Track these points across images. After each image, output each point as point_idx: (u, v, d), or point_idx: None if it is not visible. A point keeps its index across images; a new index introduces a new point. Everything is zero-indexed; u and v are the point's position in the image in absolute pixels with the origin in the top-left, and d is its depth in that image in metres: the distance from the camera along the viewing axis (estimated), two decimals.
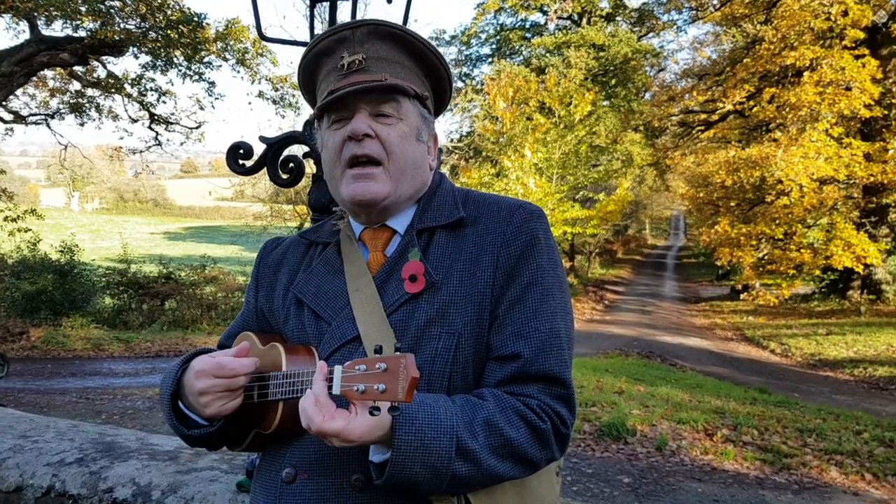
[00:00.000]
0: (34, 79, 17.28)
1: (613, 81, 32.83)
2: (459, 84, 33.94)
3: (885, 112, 20.08)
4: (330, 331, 1.38)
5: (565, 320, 1.37)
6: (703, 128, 28.48)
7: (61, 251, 17.96)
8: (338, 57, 1.40)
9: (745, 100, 23.07)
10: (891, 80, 20.98)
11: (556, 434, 1.30)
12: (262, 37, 2.71)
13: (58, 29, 15.63)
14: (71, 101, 18.59)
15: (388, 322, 1.33)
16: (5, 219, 17.20)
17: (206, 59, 16.78)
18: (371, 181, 1.38)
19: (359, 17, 2.65)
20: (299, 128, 2.52)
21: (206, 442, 1.42)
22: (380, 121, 1.38)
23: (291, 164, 2.48)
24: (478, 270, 1.35)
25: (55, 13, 14.35)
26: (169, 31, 15.33)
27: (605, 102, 31.80)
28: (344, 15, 2.63)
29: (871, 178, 20.21)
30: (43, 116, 18.96)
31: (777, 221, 20.91)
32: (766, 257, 22.26)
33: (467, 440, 1.19)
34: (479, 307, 1.33)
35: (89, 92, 18.51)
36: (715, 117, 26.95)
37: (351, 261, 1.44)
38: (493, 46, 37.23)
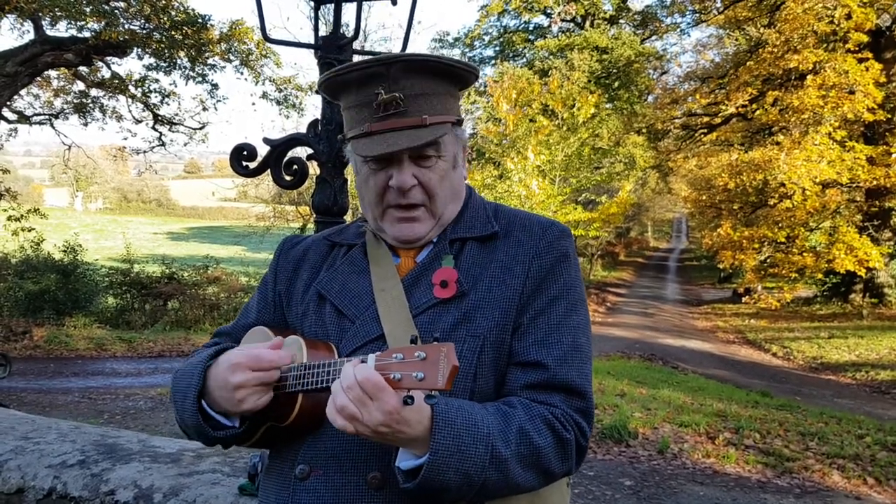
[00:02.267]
0: (38, 79, 17.30)
1: (616, 84, 32.83)
2: None
3: (889, 116, 20.05)
4: (353, 329, 1.38)
5: (586, 335, 1.40)
6: (705, 130, 28.45)
7: (65, 251, 17.99)
8: (371, 91, 1.37)
9: (747, 103, 23.04)
10: (894, 84, 20.94)
11: (576, 446, 1.32)
12: (267, 38, 2.71)
13: (62, 29, 15.68)
14: (75, 102, 18.61)
15: (413, 323, 1.34)
16: (9, 218, 17.21)
17: (209, 61, 16.79)
18: (415, 223, 1.42)
19: (364, 18, 2.65)
20: (302, 129, 2.52)
21: (227, 442, 1.40)
22: (421, 164, 1.40)
23: (295, 167, 2.48)
24: (508, 278, 1.38)
25: (60, 14, 14.36)
26: (173, 33, 15.32)
27: (608, 105, 31.78)
28: (349, 16, 2.64)
29: (874, 182, 20.18)
30: (47, 116, 18.98)
31: (779, 224, 20.88)
32: (768, 260, 22.23)
33: (501, 448, 1.20)
34: (505, 313, 1.35)
35: (93, 92, 18.53)
36: (718, 120, 26.93)
37: (378, 262, 1.45)
38: (497, 49, 37.27)
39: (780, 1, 21.52)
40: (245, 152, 2.47)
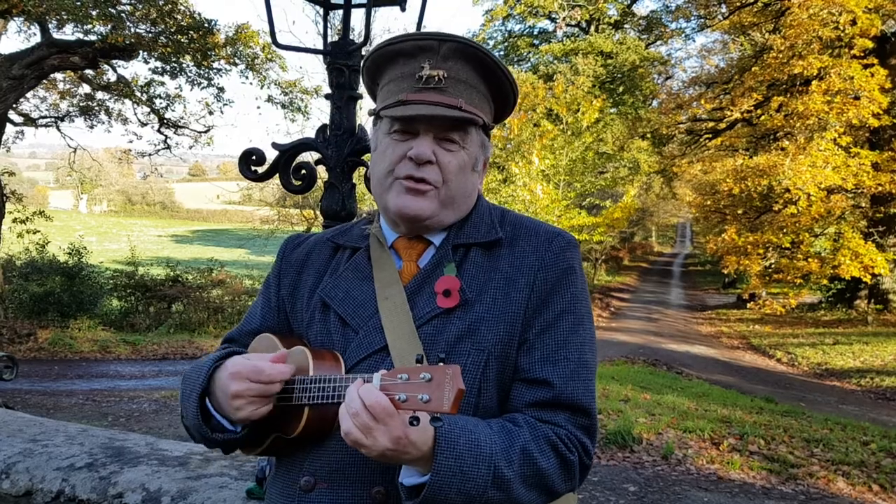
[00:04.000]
0: (45, 82, 17.35)
1: (621, 89, 32.86)
2: None
3: (894, 121, 20.02)
4: (357, 339, 1.37)
5: (592, 350, 1.39)
6: (710, 136, 28.43)
7: (69, 253, 18.01)
8: (417, 64, 1.37)
9: (752, 108, 23.00)
10: None
11: (580, 465, 1.31)
12: (277, 44, 2.72)
13: (69, 32, 15.72)
14: (81, 104, 18.67)
15: (417, 334, 1.32)
16: (14, 220, 17.26)
17: (215, 65, 16.83)
18: (420, 197, 1.37)
19: (372, 24, 2.66)
20: (308, 133, 2.54)
21: (226, 446, 1.40)
22: (443, 145, 1.37)
23: (304, 171, 2.49)
24: (512, 291, 1.35)
25: (66, 17, 14.40)
26: (179, 37, 15.38)
27: (613, 110, 31.83)
28: (356, 21, 2.65)
29: (879, 188, 20.13)
30: (53, 119, 19.05)
31: (784, 230, 20.84)
32: (772, 266, 22.17)
33: (504, 469, 1.19)
34: (511, 327, 1.33)
35: (99, 95, 18.59)
36: (722, 125, 26.90)
37: (381, 268, 1.43)
38: (501, 53, 37.30)
39: (785, 6, 21.51)
40: (254, 157, 2.48)
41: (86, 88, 18.58)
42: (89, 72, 17.35)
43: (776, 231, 20.98)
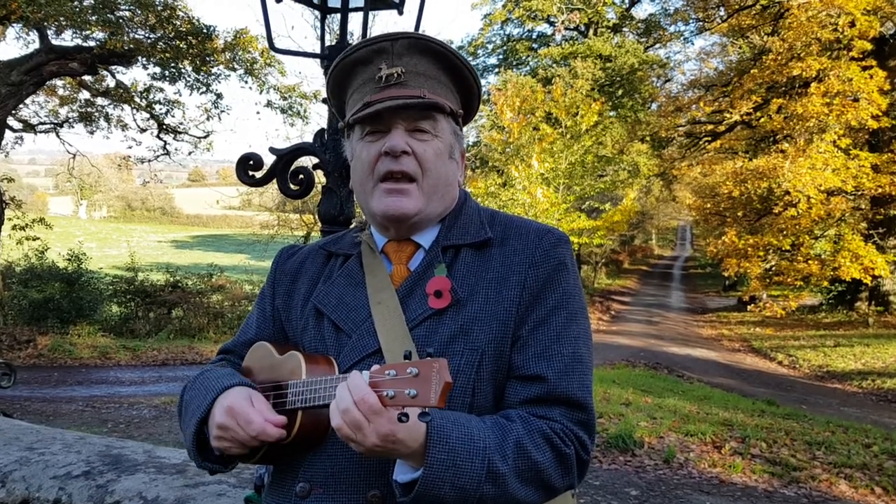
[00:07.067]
0: (44, 88, 17.35)
1: (620, 92, 32.85)
2: None
3: (893, 123, 20.04)
4: (350, 343, 1.37)
5: (587, 345, 1.38)
6: (710, 138, 28.43)
7: (69, 259, 18.00)
8: (375, 68, 1.39)
9: (752, 111, 23.03)
10: None
11: (577, 460, 1.30)
12: (274, 49, 2.71)
13: (67, 38, 15.74)
14: (80, 111, 18.67)
15: (410, 336, 1.32)
16: (14, 227, 17.26)
17: (214, 70, 16.83)
18: (404, 197, 1.37)
19: (370, 28, 2.65)
20: (307, 137, 2.52)
21: (213, 470, 1.40)
22: (416, 136, 1.38)
23: (301, 176, 2.47)
24: (504, 289, 1.35)
25: (65, 23, 14.42)
26: (178, 42, 15.39)
27: (612, 113, 31.83)
28: (354, 25, 2.63)
29: (879, 190, 20.16)
30: (52, 125, 19.06)
31: (784, 232, 20.84)
32: (773, 268, 22.16)
33: (498, 463, 1.18)
34: (503, 325, 1.33)
35: (98, 101, 18.60)
36: (722, 128, 26.91)
37: (373, 273, 1.43)
38: (500, 57, 37.37)
39: (784, 9, 21.54)
40: (251, 162, 2.46)
41: (85, 94, 18.60)
42: (88, 78, 17.35)
43: (776, 233, 20.98)
